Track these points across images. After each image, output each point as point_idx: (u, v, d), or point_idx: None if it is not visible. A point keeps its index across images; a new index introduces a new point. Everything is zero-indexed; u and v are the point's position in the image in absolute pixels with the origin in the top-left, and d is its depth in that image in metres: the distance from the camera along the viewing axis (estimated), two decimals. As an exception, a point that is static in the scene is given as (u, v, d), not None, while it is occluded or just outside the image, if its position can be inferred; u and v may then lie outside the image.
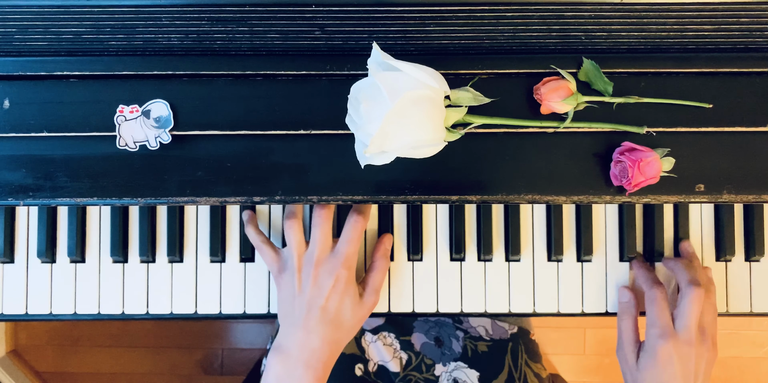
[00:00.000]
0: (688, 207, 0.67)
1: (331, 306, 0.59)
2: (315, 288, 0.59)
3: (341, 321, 0.60)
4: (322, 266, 0.60)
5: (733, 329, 1.44)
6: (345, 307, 0.60)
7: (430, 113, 0.49)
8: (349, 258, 0.60)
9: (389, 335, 0.79)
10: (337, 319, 0.60)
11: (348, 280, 0.60)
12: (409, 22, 0.57)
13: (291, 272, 0.60)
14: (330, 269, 0.60)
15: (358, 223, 0.61)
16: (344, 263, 0.60)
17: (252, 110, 0.56)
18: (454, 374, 0.77)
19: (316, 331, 0.59)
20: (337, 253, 0.60)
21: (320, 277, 0.59)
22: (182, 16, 0.57)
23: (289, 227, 0.62)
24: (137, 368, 1.45)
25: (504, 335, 0.80)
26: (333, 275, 0.59)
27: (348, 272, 0.60)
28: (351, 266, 0.60)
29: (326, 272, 0.59)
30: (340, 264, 0.59)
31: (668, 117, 0.56)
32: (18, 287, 0.66)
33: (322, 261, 0.60)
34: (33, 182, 0.57)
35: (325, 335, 0.59)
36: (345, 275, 0.59)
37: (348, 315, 0.60)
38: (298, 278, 0.60)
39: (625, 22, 0.57)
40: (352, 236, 0.60)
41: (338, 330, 0.60)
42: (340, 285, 0.59)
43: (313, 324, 0.59)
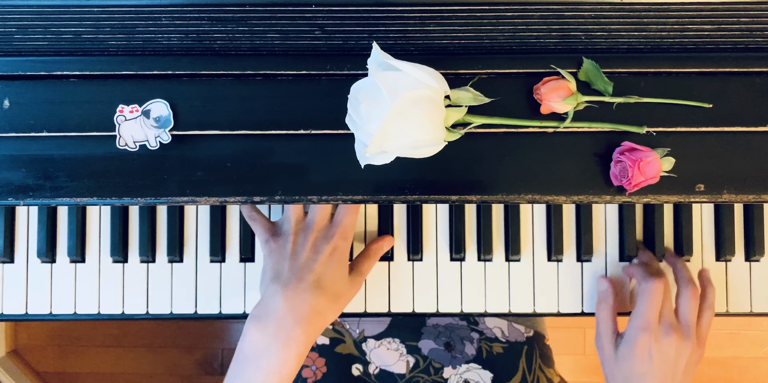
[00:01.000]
0: (689, 207, 0.67)
1: (325, 272, 0.57)
2: (311, 252, 0.57)
3: (333, 292, 0.57)
4: (321, 232, 0.58)
5: (733, 329, 1.44)
6: (338, 279, 0.58)
7: (430, 113, 0.49)
8: (346, 229, 0.59)
9: (394, 340, 0.79)
10: (329, 288, 0.57)
11: (343, 251, 0.58)
12: (409, 22, 0.57)
13: (285, 236, 0.59)
14: (328, 236, 0.58)
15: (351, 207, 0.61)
16: (341, 233, 0.58)
17: (252, 110, 0.56)
18: (465, 375, 0.76)
19: (307, 294, 0.56)
20: (336, 222, 0.59)
21: (317, 242, 0.58)
22: (182, 16, 0.57)
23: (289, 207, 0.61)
24: (137, 368, 1.45)
25: (520, 338, 0.80)
26: (330, 242, 0.58)
27: (345, 243, 0.58)
28: (348, 238, 0.59)
29: (324, 239, 0.58)
30: (337, 232, 0.58)
31: (668, 117, 0.56)
32: (18, 287, 0.66)
33: (321, 228, 0.59)
34: (33, 182, 0.57)
35: (317, 300, 0.56)
36: (342, 245, 0.58)
37: (339, 288, 0.58)
38: (293, 241, 0.58)
39: (625, 22, 0.57)
40: (349, 209, 0.59)
41: (330, 301, 0.57)
42: (337, 254, 0.58)
43: (304, 287, 0.56)
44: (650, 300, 0.60)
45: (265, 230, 0.61)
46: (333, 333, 0.79)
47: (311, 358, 0.77)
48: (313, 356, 0.77)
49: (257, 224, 0.62)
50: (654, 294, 0.60)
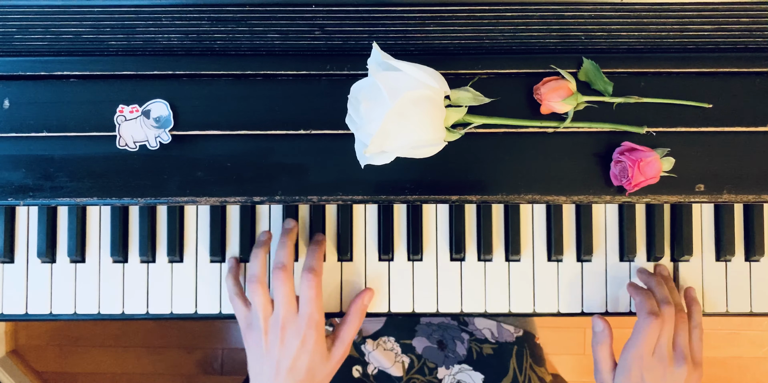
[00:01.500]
0: (689, 207, 0.67)
1: (299, 365, 0.60)
2: (282, 349, 0.60)
3: (311, 377, 0.61)
4: (288, 328, 0.60)
5: (733, 329, 1.44)
6: (314, 365, 0.61)
7: (430, 113, 0.49)
8: (313, 318, 0.60)
9: (389, 339, 0.79)
10: (306, 376, 0.60)
11: (316, 340, 0.60)
12: (409, 22, 0.57)
13: (258, 332, 0.61)
14: (296, 330, 0.60)
15: (312, 281, 0.61)
16: (309, 324, 0.60)
17: (252, 110, 0.56)
18: (458, 376, 0.77)
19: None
20: (302, 314, 0.60)
21: (287, 339, 0.60)
22: (182, 16, 0.57)
23: (252, 292, 0.61)
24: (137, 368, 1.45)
25: (509, 338, 0.80)
26: (300, 336, 0.60)
27: (315, 333, 0.60)
28: (317, 325, 0.60)
29: (293, 334, 0.60)
30: (305, 325, 0.60)
31: (668, 117, 0.56)
32: (18, 287, 0.66)
33: (288, 323, 0.60)
34: (33, 182, 0.57)
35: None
36: (312, 335, 0.60)
37: (317, 370, 0.61)
38: (265, 340, 0.60)
39: (625, 22, 0.57)
40: (310, 296, 0.60)
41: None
42: (308, 345, 0.60)
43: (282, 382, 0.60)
44: (645, 336, 0.60)
45: (242, 317, 0.63)
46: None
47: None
48: None
49: (236, 307, 0.63)
50: (650, 332, 0.60)
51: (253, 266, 0.63)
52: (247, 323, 0.62)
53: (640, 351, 0.60)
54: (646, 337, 0.60)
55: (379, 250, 0.67)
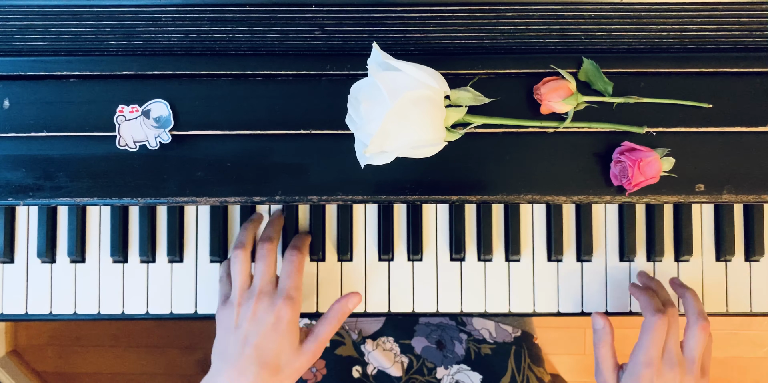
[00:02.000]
0: (689, 207, 0.67)
1: (267, 345, 0.55)
2: (253, 323, 0.56)
3: (277, 366, 0.56)
4: (262, 300, 0.56)
5: (733, 329, 1.44)
6: (283, 350, 0.56)
7: (430, 113, 0.49)
8: (290, 294, 0.57)
9: (388, 339, 0.79)
10: (272, 362, 0.56)
11: (290, 320, 0.56)
12: (409, 22, 0.57)
13: (231, 306, 0.58)
14: (270, 305, 0.56)
15: (296, 257, 0.59)
16: (286, 300, 0.56)
17: (252, 110, 0.56)
18: (456, 377, 0.77)
19: (248, 372, 0.55)
20: (280, 289, 0.57)
21: (259, 313, 0.56)
22: (182, 16, 0.57)
23: (235, 257, 0.59)
24: (137, 368, 1.45)
25: (507, 338, 0.80)
26: (273, 313, 0.56)
27: (290, 312, 0.56)
28: (294, 305, 0.57)
29: (266, 309, 0.56)
30: (281, 300, 0.56)
31: (668, 117, 0.56)
32: (18, 287, 0.66)
33: (263, 295, 0.57)
34: (33, 182, 0.57)
35: (256, 378, 0.55)
36: (287, 314, 0.56)
37: (284, 360, 0.56)
38: (237, 312, 0.57)
39: (625, 22, 0.57)
40: (291, 270, 0.58)
41: (272, 376, 0.56)
42: (281, 325, 0.56)
43: (245, 364, 0.55)
44: (654, 336, 0.58)
45: (222, 295, 0.60)
46: (334, 335, 0.79)
47: (311, 360, 0.77)
48: None
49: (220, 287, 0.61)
50: (658, 331, 0.58)
51: (241, 235, 0.61)
52: (224, 298, 0.60)
53: (650, 353, 0.57)
54: (655, 337, 0.58)
55: (379, 250, 0.67)
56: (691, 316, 0.60)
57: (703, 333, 0.59)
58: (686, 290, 0.63)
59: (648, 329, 0.58)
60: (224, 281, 0.62)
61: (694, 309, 0.60)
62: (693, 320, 0.59)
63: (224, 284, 0.61)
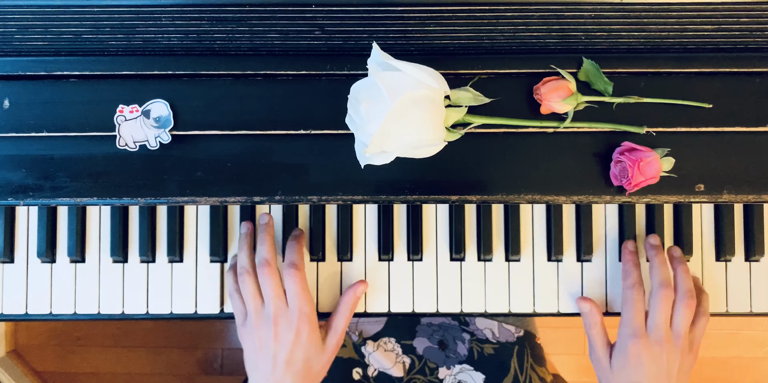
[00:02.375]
0: (689, 207, 0.67)
1: (295, 358, 0.60)
2: (277, 344, 0.60)
3: (307, 370, 0.61)
4: (280, 323, 0.60)
5: (733, 329, 1.44)
6: (310, 356, 0.61)
7: (430, 113, 0.49)
8: (303, 311, 0.61)
9: (390, 340, 0.79)
10: (304, 368, 0.61)
11: (309, 332, 0.61)
12: (409, 22, 0.57)
13: (251, 329, 0.61)
14: (288, 325, 0.60)
15: (295, 276, 0.61)
16: (300, 317, 0.60)
17: (252, 110, 0.56)
18: (459, 377, 0.77)
19: (285, 380, 0.60)
20: (292, 309, 0.61)
21: (280, 333, 0.60)
22: (182, 16, 0.57)
23: (243, 282, 0.62)
24: (137, 368, 1.45)
25: (510, 338, 0.80)
26: (293, 330, 0.60)
27: (308, 325, 0.61)
28: (309, 318, 0.61)
29: (285, 328, 0.60)
30: (296, 319, 0.60)
31: (668, 117, 0.56)
32: (18, 287, 0.66)
33: (279, 318, 0.60)
34: (33, 182, 0.57)
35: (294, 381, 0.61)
36: (305, 328, 0.60)
37: (314, 362, 0.62)
38: (257, 335, 0.61)
39: (625, 22, 0.57)
40: (296, 291, 0.61)
41: (307, 377, 0.61)
42: (302, 338, 0.60)
43: (280, 376, 0.60)
44: (632, 308, 0.61)
45: (239, 313, 0.63)
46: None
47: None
48: None
49: (234, 303, 0.64)
50: (633, 303, 0.61)
51: (241, 258, 0.63)
52: (242, 319, 0.63)
53: (633, 325, 0.60)
54: (631, 309, 0.61)
55: (379, 250, 0.67)
56: (679, 293, 0.62)
57: (687, 309, 0.61)
58: (679, 264, 0.64)
59: (626, 301, 0.62)
60: (236, 298, 0.64)
61: (682, 286, 0.62)
62: (680, 297, 0.62)
63: (237, 301, 0.64)
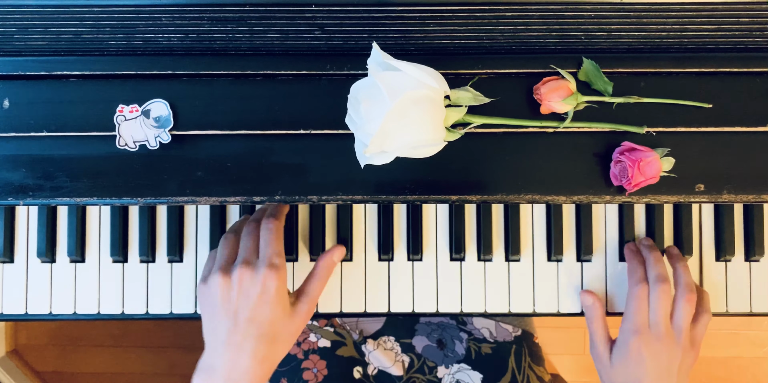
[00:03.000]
0: (689, 207, 0.67)
1: (259, 316, 0.54)
2: (240, 297, 0.54)
3: (273, 335, 0.55)
4: (245, 273, 0.55)
5: (733, 329, 1.44)
6: (275, 318, 0.55)
7: (430, 113, 0.49)
8: (273, 262, 0.56)
9: (389, 339, 0.79)
10: (268, 333, 0.55)
11: (277, 288, 0.55)
12: (409, 22, 0.57)
13: (215, 279, 0.56)
14: (254, 276, 0.55)
15: (271, 224, 0.58)
16: (269, 268, 0.55)
17: (252, 110, 0.56)
18: (457, 376, 0.77)
19: (244, 348, 0.54)
20: (261, 259, 0.56)
21: (245, 286, 0.55)
22: (182, 16, 0.57)
23: (224, 238, 0.59)
24: (137, 368, 1.45)
25: (508, 337, 0.80)
26: (259, 284, 0.55)
27: (276, 280, 0.55)
28: (278, 272, 0.56)
29: (252, 281, 0.55)
30: (264, 269, 0.55)
31: (668, 117, 0.56)
32: (18, 287, 0.66)
33: (246, 268, 0.55)
34: (33, 182, 0.57)
35: (255, 352, 0.54)
36: (273, 283, 0.55)
37: (279, 326, 0.56)
38: (220, 288, 0.55)
39: (625, 22, 0.57)
40: (269, 239, 0.57)
41: (271, 346, 0.55)
42: (269, 293, 0.55)
43: (240, 340, 0.54)
44: (636, 304, 0.61)
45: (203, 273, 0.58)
46: (334, 336, 0.79)
47: (312, 361, 0.77)
48: (315, 358, 0.77)
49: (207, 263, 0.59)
50: (638, 300, 0.61)
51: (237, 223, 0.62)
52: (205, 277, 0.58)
53: (636, 321, 0.60)
54: (636, 306, 0.60)
55: (378, 250, 0.67)
56: (678, 288, 0.62)
57: (688, 304, 0.61)
58: (678, 261, 0.64)
59: (631, 297, 0.61)
60: (209, 262, 0.60)
61: (682, 282, 0.62)
62: (680, 292, 0.61)
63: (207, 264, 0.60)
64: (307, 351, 0.78)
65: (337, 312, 0.66)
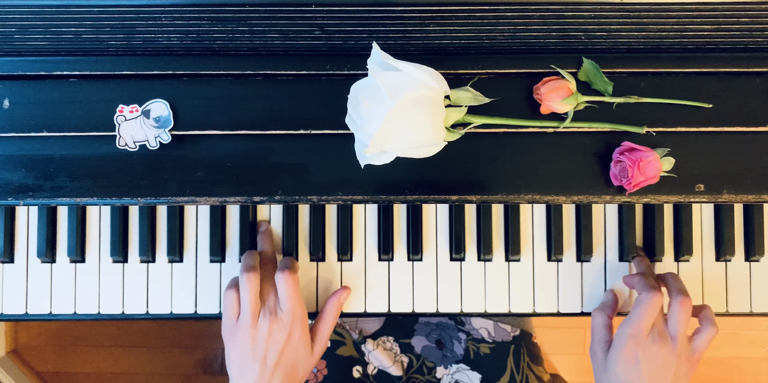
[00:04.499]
0: (689, 207, 0.67)
1: (285, 359, 0.61)
2: (270, 343, 0.61)
3: (295, 373, 0.62)
4: (274, 323, 0.61)
5: (733, 329, 1.44)
6: (298, 358, 0.62)
7: (430, 113, 0.49)
8: (296, 313, 0.61)
9: (388, 339, 0.79)
10: (292, 370, 0.61)
11: (301, 334, 0.61)
12: (409, 22, 0.57)
13: (245, 326, 0.61)
14: (282, 326, 0.61)
15: (289, 278, 0.61)
16: (294, 318, 0.61)
17: (252, 110, 0.56)
18: (455, 376, 0.77)
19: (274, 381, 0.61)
20: (286, 311, 0.61)
21: (274, 333, 0.61)
22: (182, 16, 0.57)
23: (245, 280, 0.61)
24: (137, 368, 1.45)
25: (506, 337, 0.80)
26: (286, 331, 0.61)
27: (300, 327, 0.61)
28: (301, 320, 0.61)
29: (279, 329, 0.61)
30: (290, 320, 0.61)
31: (668, 117, 0.56)
32: (18, 287, 0.66)
33: (274, 318, 0.61)
34: (33, 182, 0.57)
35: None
36: (298, 330, 0.61)
37: (301, 365, 0.62)
38: (251, 334, 0.61)
39: (625, 22, 0.57)
40: (290, 293, 0.61)
41: (293, 379, 0.62)
42: (294, 339, 0.61)
43: (268, 377, 0.60)
44: (646, 311, 0.59)
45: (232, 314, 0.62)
46: (334, 335, 0.79)
47: (312, 360, 0.77)
48: None
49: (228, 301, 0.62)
50: (651, 307, 0.59)
51: (248, 259, 0.63)
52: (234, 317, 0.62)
53: (639, 326, 0.58)
54: (647, 311, 0.59)
55: (379, 250, 0.67)
56: (672, 293, 0.61)
57: (683, 308, 0.60)
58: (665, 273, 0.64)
59: (641, 302, 0.59)
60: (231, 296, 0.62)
61: (675, 287, 0.61)
62: (674, 296, 0.60)
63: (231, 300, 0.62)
64: (308, 351, 0.78)
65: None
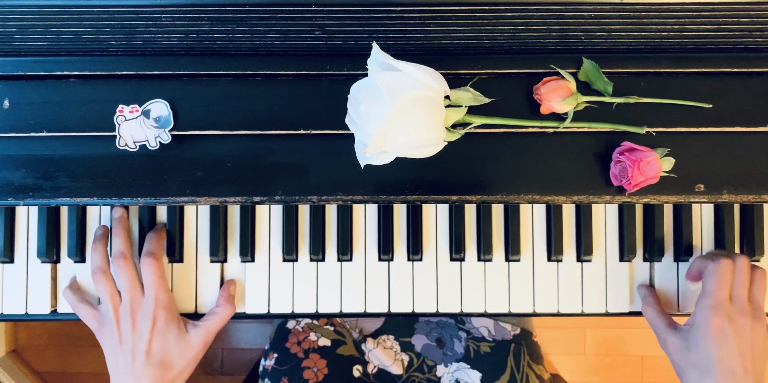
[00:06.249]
0: (689, 207, 0.67)
1: (154, 348, 0.60)
2: (135, 333, 0.60)
3: (169, 361, 0.60)
4: (138, 312, 0.60)
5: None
6: (170, 345, 0.60)
7: (430, 113, 0.49)
8: (159, 299, 0.61)
9: (389, 337, 0.79)
10: (164, 360, 0.60)
11: (167, 319, 0.60)
12: (409, 22, 0.57)
13: (110, 325, 0.61)
14: (146, 313, 0.60)
15: (151, 265, 0.61)
16: (156, 305, 0.60)
17: (252, 110, 0.56)
18: (456, 375, 0.77)
19: (144, 375, 0.59)
20: (148, 297, 0.61)
21: (138, 323, 0.60)
22: (182, 16, 0.57)
23: (97, 282, 0.61)
24: (137, 368, 1.45)
25: (506, 336, 0.80)
26: (150, 319, 0.60)
27: (165, 313, 0.60)
28: (165, 306, 0.61)
29: (143, 317, 0.60)
30: (152, 306, 0.60)
31: (668, 117, 0.56)
32: (18, 287, 0.66)
33: (137, 307, 0.60)
34: (33, 182, 0.57)
35: (153, 378, 0.60)
36: (162, 315, 0.60)
37: (175, 353, 0.61)
38: (118, 329, 0.60)
39: (625, 22, 0.57)
40: (153, 279, 0.61)
41: (168, 371, 0.60)
42: (160, 325, 0.60)
43: (139, 370, 0.59)
44: (719, 278, 0.56)
45: (92, 319, 0.62)
46: (334, 335, 0.79)
47: (312, 360, 0.77)
48: (315, 357, 0.77)
49: (83, 313, 0.63)
50: (724, 272, 0.56)
51: (94, 258, 0.63)
52: (98, 321, 0.62)
53: (718, 297, 0.55)
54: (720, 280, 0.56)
55: (379, 250, 0.67)
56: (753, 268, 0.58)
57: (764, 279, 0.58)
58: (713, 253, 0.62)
59: (711, 273, 0.56)
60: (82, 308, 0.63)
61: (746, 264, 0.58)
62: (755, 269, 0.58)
63: (84, 310, 0.63)
64: (308, 350, 0.78)
65: (337, 313, 0.66)
